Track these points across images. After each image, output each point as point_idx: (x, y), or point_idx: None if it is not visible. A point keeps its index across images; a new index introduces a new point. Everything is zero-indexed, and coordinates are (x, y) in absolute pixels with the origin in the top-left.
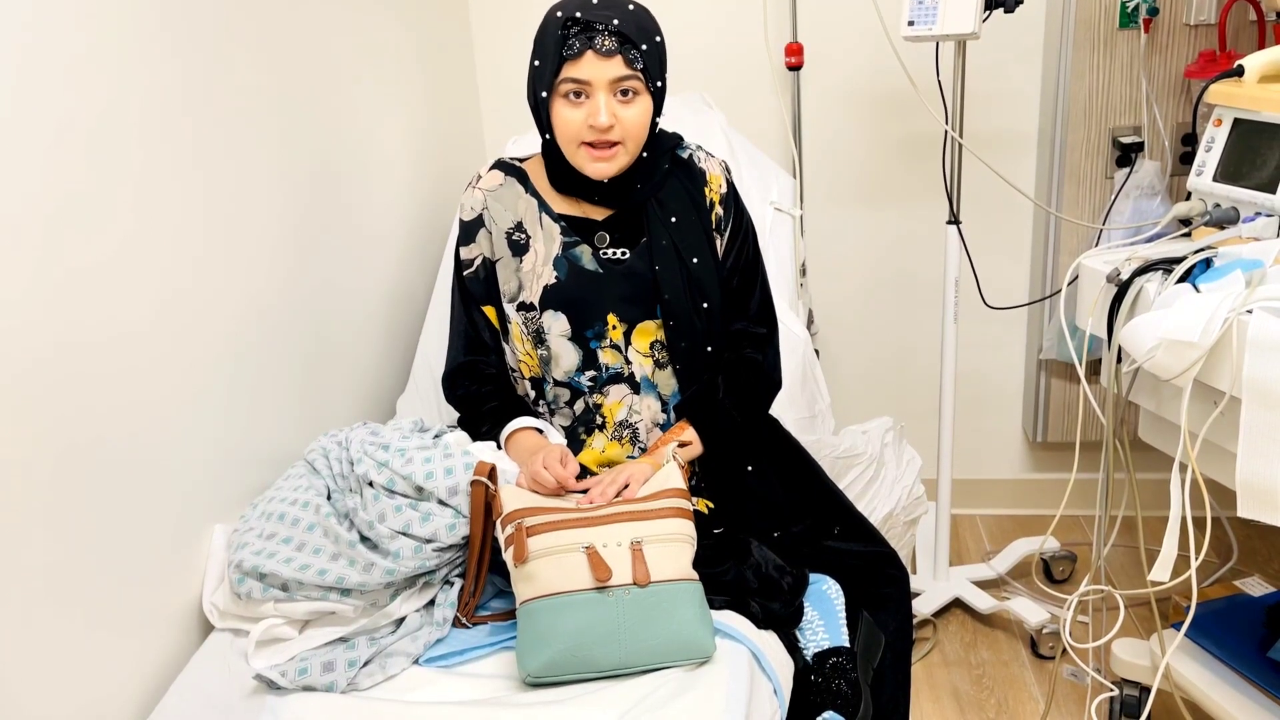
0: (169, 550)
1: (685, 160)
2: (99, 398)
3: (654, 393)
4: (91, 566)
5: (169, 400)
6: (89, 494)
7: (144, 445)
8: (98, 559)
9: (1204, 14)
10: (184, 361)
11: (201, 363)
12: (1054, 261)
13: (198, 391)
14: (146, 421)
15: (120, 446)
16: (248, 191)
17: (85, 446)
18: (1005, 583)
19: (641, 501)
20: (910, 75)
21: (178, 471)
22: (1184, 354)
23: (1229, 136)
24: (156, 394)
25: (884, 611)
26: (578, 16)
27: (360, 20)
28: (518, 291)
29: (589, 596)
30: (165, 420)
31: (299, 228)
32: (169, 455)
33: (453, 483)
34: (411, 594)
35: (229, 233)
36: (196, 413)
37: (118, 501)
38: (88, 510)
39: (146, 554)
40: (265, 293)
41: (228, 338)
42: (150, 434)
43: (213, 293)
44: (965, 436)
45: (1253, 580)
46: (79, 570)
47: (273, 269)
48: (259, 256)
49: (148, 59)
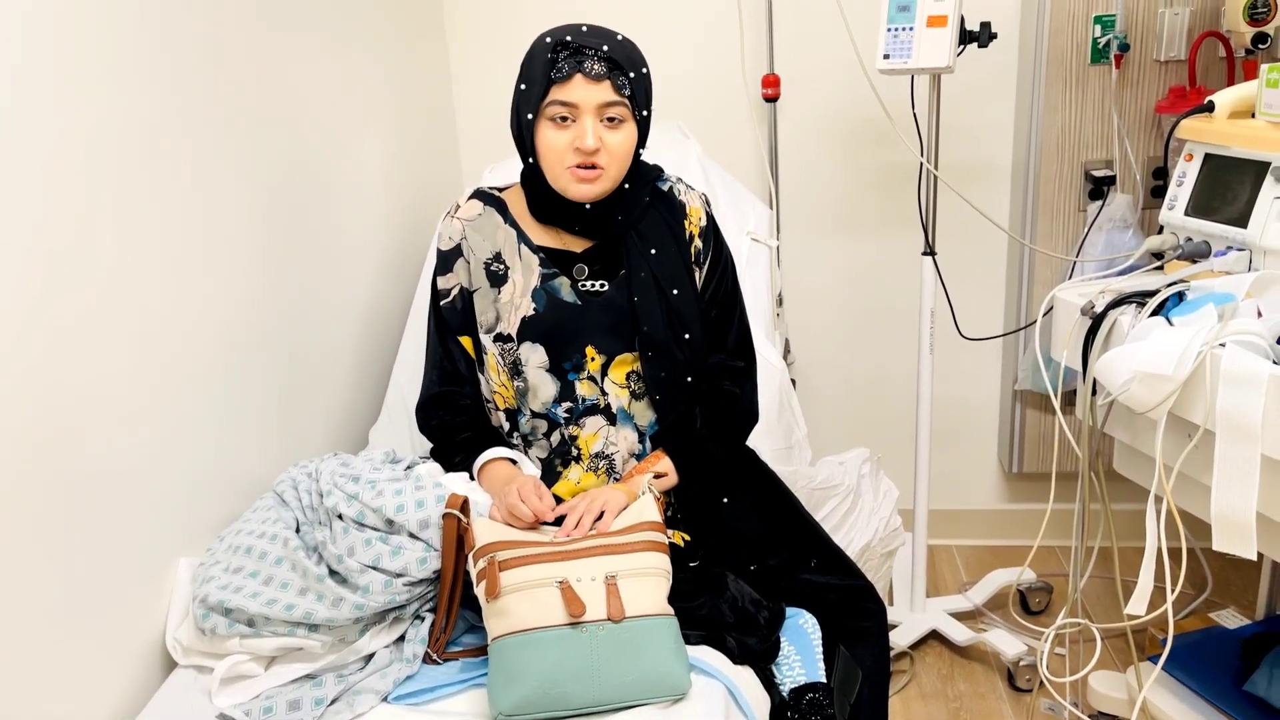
0: (132, 583)
1: (665, 192)
2: (62, 426)
3: (630, 424)
4: (50, 600)
5: (136, 429)
6: (49, 524)
7: (109, 474)
8: (57, 592)
9: (1174, 50)
10: (152, 391)
11: (170, 392)
12: (1028, 293)
13: (166, 421)
14: (112, 450)
15: (85, 476)
16: (220, 219)
17: (46, 476)
18: (982, 614)
19: (616, 535)
20: (886, 108)
21: (143, 502)
22: (1158, 387)
23: (1200, 171)
24: (123, 423)
25: (861, 645)
26: (567, 40)
27: (339, 50)
28: (495, 322)
29: (562, 632)
30: (132, 449)
31: (272, 256)
32: (135, 485)
33: (424, 515)
34: (381, 629)
35: (201, 261)
36: (164, 442)
37: (79, 532)
38: (47, 541)
39: (108, 587)
40: (236, 322)
41: (198, 366)
42: (116, 463)
43: (183, 321)
44: (940, 466)
45: (1227, 613)
46: (36, 603)
47: (245, 298)
48: (231, 285)
49: (126, 90)
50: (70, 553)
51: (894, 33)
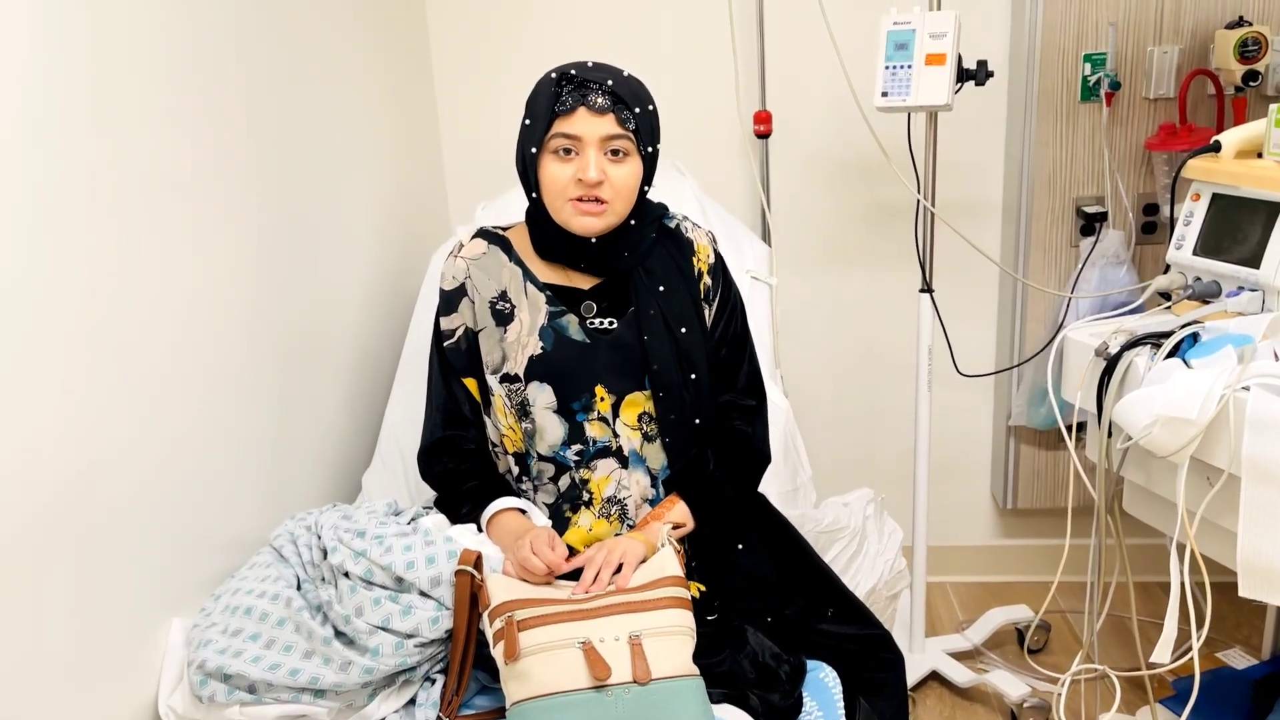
0: (121, 647)
1: (672, 230)
2: (44, 478)
3: (643, 467)
4: (33, 664)
5: (122, 481)
6: (32, 583)
7: (95, 529)
8: (41, 655)
9: (1163, 88)
10: (138, 441)
11: (157, 441)
12: (1021, 329)
13: (154, 471)
14: (97, 504)
15: (69, 531)
16: (208, 265)
17: (29, 531)
18: (981, 654)
19: (638, 591)
20: (882, 145)
21: (131, 559)
22: (1182, 431)
23: (1208, 211)
24: (108, 475)
25: (880, 697)
26: (572, 74)
27: (328, 91)
28: (501, 362)
29: (587, 696)
30: (118, 503)
31: (262, 299)
32: (122, 541)
33: (435, 573)
34: (390, 693)
35: (189, 308)
36: (152, 495)
37: (64, 591)
38: (30, 601)
39: (96, 651)
40: (226, 367)
41: (185, 414)
42: (102, 517)
43: (170, 369)
44: (934, 503)
45: (1234, 652)
46: (18, 668)
47: (234, 343)
48: (221, 330)
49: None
50: (55, 613)
51: (892, 70)
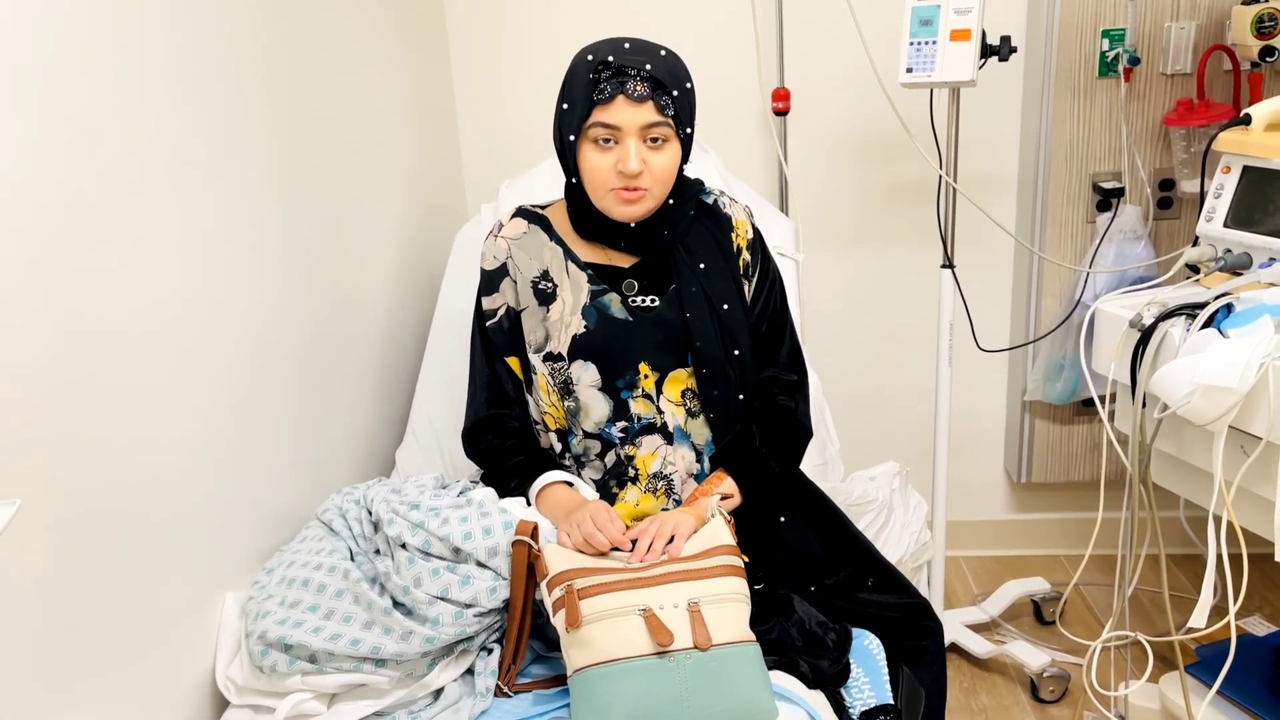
0: (176, 621)
1: (710, 206)
2: (92, 461)
3: (688, 443)
4: (90, 641)
5: (166, 462)
6: (86, 562)
7: (145, 510)
8: (97, 633)
9: (1180, 64)
10: (179, 419)
11: (197, 420)
12: (1037, 304)
13: (197, 451)
14: (145, 484)
15: (120, 512)
16: (240, 247)
17: (79, 513)
18: (998, 625)
19: (693, 559)
20: (904, 121)
21: (183, 537)
22: (1220, 400)
23: (1239, 183)
24: (153, 456)
25: (920, 665)
26: (609, 60)
27: (349, 70)
28: (544, 341)
29: (650, 662)
30: (165, 482)
31: (293, 278)
32: (172, 519)
33: (492, 543)
34: (449, 662)
35: (223, 288)
36: (197, 473)
37: (118, 570)
38: (85, 580)
39: (152, 626)
40: (259, 347)
41: (223, 393)
42: (150, 497)
43: (205, 350)
44: (949, 478)
45: (1254, 619)
46: (75, 646)
47: (268, 323)
48: (253, 310)
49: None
50: (110, 591)
51: (917, 47)
